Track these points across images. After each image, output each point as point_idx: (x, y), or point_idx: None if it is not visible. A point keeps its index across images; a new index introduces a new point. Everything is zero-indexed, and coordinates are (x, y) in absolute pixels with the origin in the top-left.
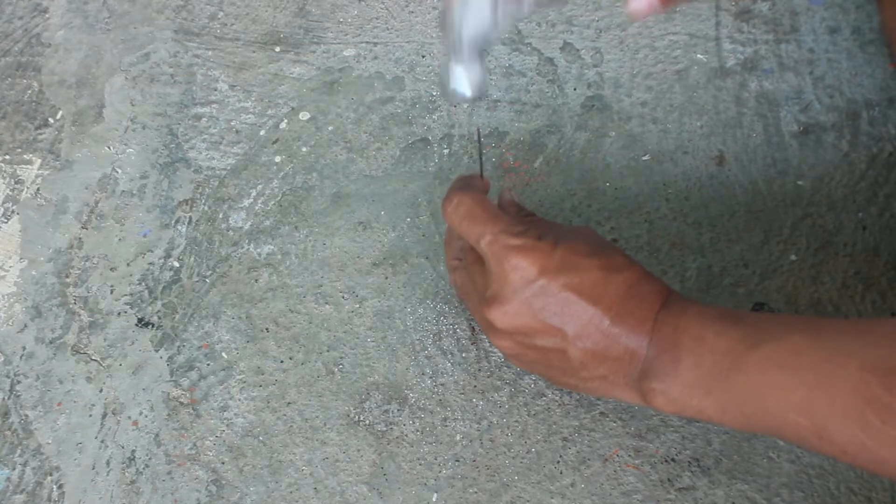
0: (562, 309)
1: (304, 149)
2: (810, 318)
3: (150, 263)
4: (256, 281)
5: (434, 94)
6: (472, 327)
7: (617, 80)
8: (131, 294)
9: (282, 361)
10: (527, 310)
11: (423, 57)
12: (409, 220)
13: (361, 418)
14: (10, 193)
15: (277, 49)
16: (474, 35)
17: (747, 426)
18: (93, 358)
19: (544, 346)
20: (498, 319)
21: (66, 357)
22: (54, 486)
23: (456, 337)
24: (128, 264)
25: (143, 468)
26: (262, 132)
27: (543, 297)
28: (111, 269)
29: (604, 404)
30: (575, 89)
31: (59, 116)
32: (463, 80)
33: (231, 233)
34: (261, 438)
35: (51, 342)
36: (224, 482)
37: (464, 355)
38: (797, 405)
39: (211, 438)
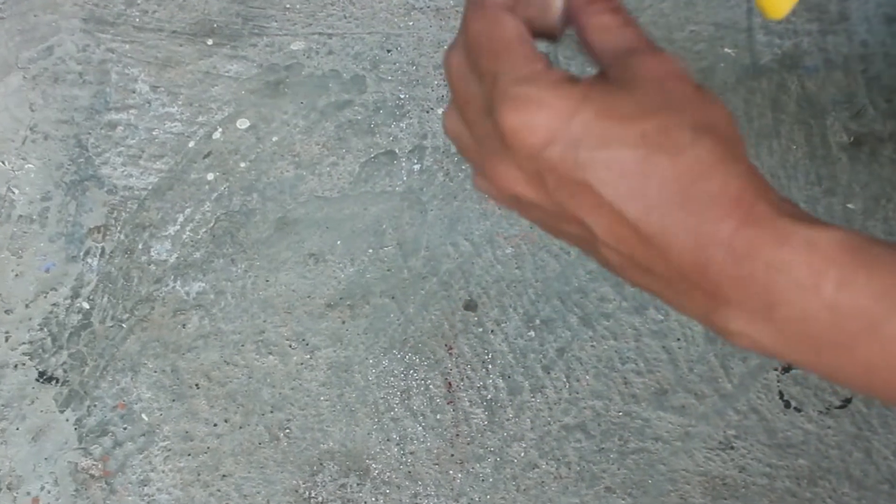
0: (581, 197)
1: (242, 164)
2: None
3: (55, 304)
4: (184, 326)
5: (402, 96)
6: (449, 382)
7: None
8: (31, 342)
9: (215, 425)
10: (535, 185)
11: (389, 51)
12: (370, 251)
13: (313, 494)
14: None
15: (210, 42)
16: None
17: (870, 390)
18: None
19: (567, 231)
20: (495, 191)
21: None
22: None
23: (428, 395)
24: (26, 306)
25: None
26: (190, 143)
27: (554, 177)
28: (6, 312)
29: (609, 478)
30: None
31: None
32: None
33: (153, 267)
34: None
35: None
36: None
37: (438, 417)
38: None
39: None
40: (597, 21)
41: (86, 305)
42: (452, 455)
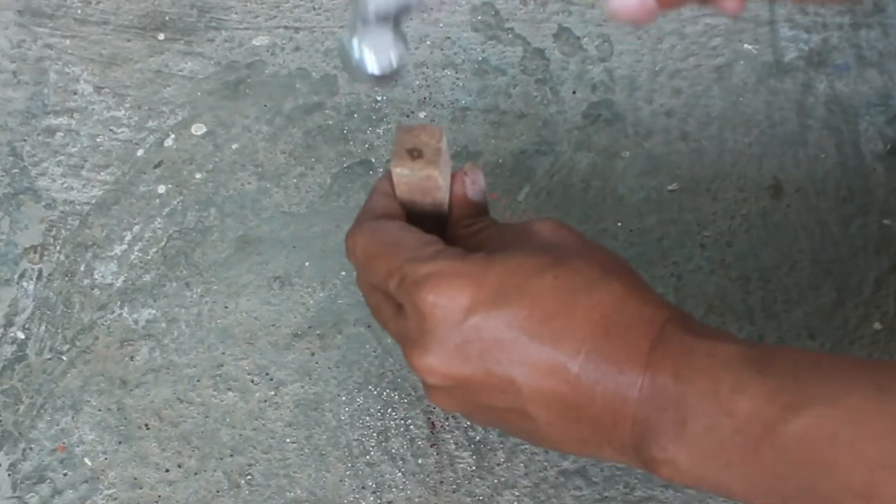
0: (508, 354)
1: (197, 175)
2: (871, 364)
3: None
4: (132, 358)
5: (379, 99)
6: (432, 423)
7: (632, 80)
8: None
9: (167, 470)
10: (460, 359)
11: None
12: (343, 273)
13: None
14: None
15: (161, 37)
16: None
17: None
18: None
19: (494, 405)
20: (424, 373)
21: None
22: None
23: (409, 436)
24: None
25: None
26: (139, 152)
27: (479, 341)
28: None
29: None
30: (574, 93)
31: None
32: (366, 52)
33: (97, 292)
34: None
35: None
36: None
37: (420, 462)
38: (857, 490)
39: None
40: (472, 228)
41: (20, 335)
42: None
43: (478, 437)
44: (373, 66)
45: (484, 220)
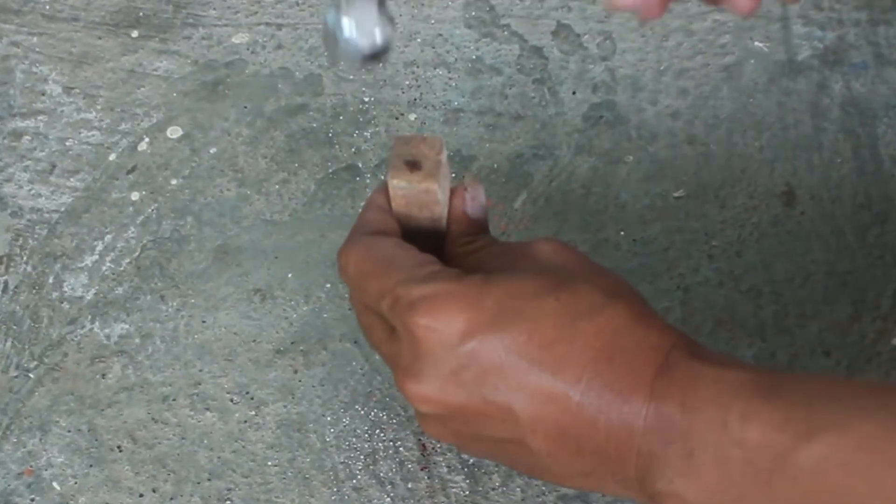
0: (506, 380)
1: (173, 181)
2: (886, 388)
3: None
4: (104, 376)
5: (366, 100)
6: (423, 444)
7: (636, 80)
8: None
9: (141, 495)
10: (455, 386)
11: None
12: (328, 286)
13: None
14: None
15: (135, 34)
16: None
17: None
18: None
19: (490, 435)
20: (416, 401)
21: None
22: None
23: (398, 459)
24: None
25: None
26: (111, 156)
27: (476, 367)
28: None
29: None
30: (574, 93)
31: None
32: (350, 29)
33: (66, 305)
34: None
35: None
36: None
37: (410, 486)
38: None
39: None
40: (470, 246)
41: None
42: None
43: (471, 461)
44: (357, 43)
45: (483, 239)
